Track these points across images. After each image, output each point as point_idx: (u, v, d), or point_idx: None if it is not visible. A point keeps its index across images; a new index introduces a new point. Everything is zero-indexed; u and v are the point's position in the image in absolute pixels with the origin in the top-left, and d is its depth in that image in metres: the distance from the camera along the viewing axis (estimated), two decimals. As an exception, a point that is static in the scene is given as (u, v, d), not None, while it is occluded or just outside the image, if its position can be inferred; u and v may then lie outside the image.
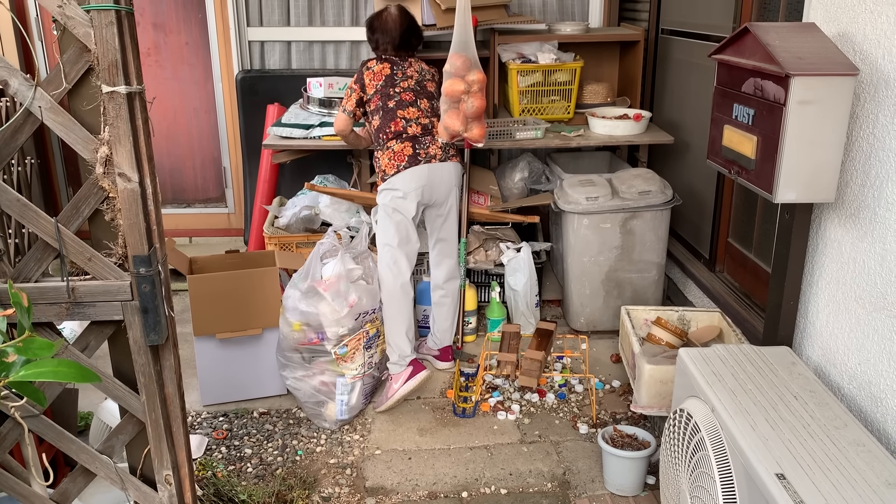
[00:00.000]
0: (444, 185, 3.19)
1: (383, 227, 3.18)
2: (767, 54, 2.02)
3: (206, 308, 2.98)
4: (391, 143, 3.16)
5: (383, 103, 3.19)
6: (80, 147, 1.46)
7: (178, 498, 1.71)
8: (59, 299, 1.52)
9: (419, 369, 3.14)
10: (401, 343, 3.13)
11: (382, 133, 3.18)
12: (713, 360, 2.16)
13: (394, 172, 3.13)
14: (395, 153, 3.14)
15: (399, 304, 3.13)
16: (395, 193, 3.13)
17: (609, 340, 3.67)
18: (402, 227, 3.15)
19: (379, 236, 3.20)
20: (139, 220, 1.47)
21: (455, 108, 3.08)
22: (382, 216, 3.18)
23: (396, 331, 3.13)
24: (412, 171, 3.12)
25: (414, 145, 3.14)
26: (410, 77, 3.23)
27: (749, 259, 3.24)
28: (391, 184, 3.13)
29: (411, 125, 3.16)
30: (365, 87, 3.24)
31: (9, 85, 1.42)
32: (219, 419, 3.08)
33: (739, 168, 2.23)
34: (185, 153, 4.90)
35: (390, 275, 3.14)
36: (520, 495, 2.63)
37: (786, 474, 1.65)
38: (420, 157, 3.13)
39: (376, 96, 3.21)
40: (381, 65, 3.23)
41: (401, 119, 3.17)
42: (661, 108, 4.19)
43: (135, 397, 1.62)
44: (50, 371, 0.98)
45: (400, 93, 3.20)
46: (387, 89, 3.20)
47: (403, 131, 3.16)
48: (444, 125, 3.10)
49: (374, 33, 3.30)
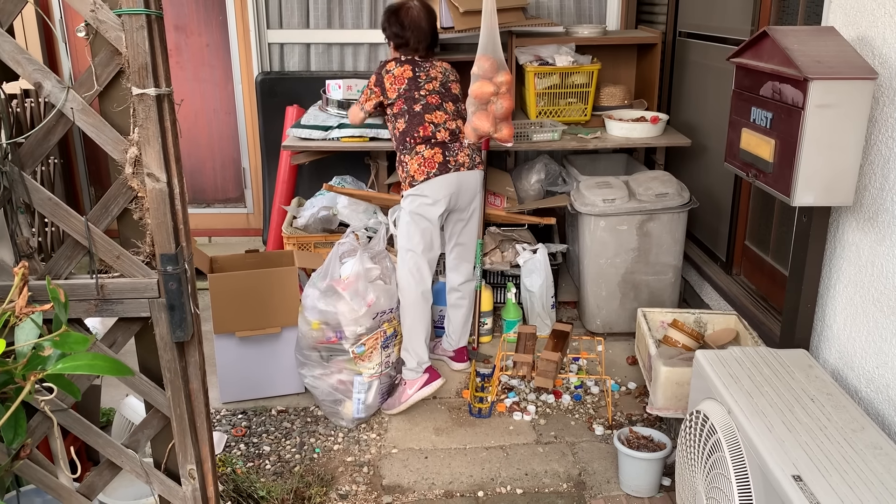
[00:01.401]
0: (470, 192, 3.20)
1: (407, 232, 3.15)
2: (786, 58, 2.03)
3: (227, 306, 3.02)
4: (420, 149, 3.12)
5: (409, 107, 3.15)
6: (111, 148, 1.50)
7: (201, 492, 1.75)
8: (88, 296, 1.56)
9: (435, 377, 3.16)
10: (419, 349, 3.14)
11: (410, 137, 3.14)
12: (730, 362, 2.17)
13: (423, 179, 3.10)
14: (425, 159, 3.10)
15: (420, 310, 3.14)
16: (423, 200, 3.11)
17: (625, 342, 3.68)
18: (427, 233, 3.13)
19: (402, 241, 3.19)
20: (167, 219, 1.51)
21: (483, 110, 3.09)
22: (407, 221, 3.15)
23: (416, 338, 3.13)
24: (443, 178, 3.10)
25: (444, 152, 3.11)
26: (434, 79, 3.20)
27: (766, 262, 3.24)
28: (420, 190, 3.11)
29: (440, 130, 3.13)
30: (386, 91, 3.20)
31: (42, 87, 1.46)
32: (238, 416, 3.12)
33: (757, 171, 2.23)
34: (205, 154, 4.95)
35: (412, 281, 3.13)
36: (535, 495, 2.65)
37: (802, 476, 1.66)
38: (450, 165, 3.11)
39: (400, 100, 3.17)
40: (402, 67, 3.19)
41: (429, 124, 3.13)
42: (678, 110, 4.19)
43: (160, 393, 1.65)
44: (86, 364, 1.01)
45: (426, 95, 3.16)
46: (411, 93, 3.16)
47: (433, 136, 3.12)
48: (473, 126, 3.10)
49: (404, 30, 3.20)
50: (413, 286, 3.13)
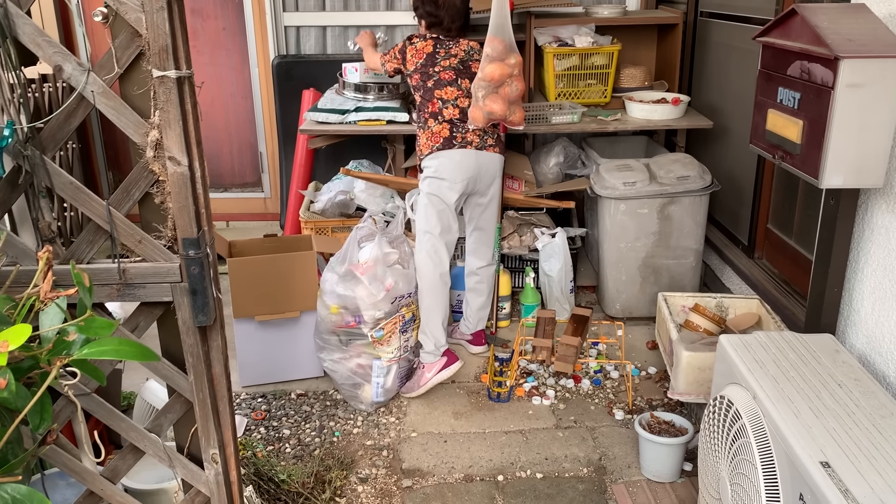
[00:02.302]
0: (489, 176, 3.19)
1: (425, 214, 3.16)
2: (815, 36, 1.98)
3: (246, 291, 3.02)
4: (430, 123, 3.17)
5: (423, 82, 3.20)
6: (132, 131, 1.49)
7: (223, 476, 1.75)
8: (110, 280, 1.55)
9: (453, 360, 3.16)
10: (437, 333, 3.14)
11: (422, 112, 3.20)
12: (754, 347, 2.14)
13: (428, 152, 3.14)
14: (432, 133, 3.15)
15: (438, 293, 3.13)
16: (440, 182, 3.11)
17: (645, 327, 3.65)
18: (444, 215, 3.13)
19: (419, 223, 3.19)
20: (188, 202, 1.50)
21: (496, 93, 3.05)
22: (425, 204, 3.16)
23: (434, 320, 3.13)
24: (458, 158, 3.10)
25: (451, 128, 3.13)
26: (454, 56, 3.21)
27: (789, 245, 3.19)
28: (437, 172, 3.12)
29: (448, 106, 3.15)
30: (406, 62, 3.25)
31: (63, 70, 1.44)
32: (257, 400, 3.13)
33: (784, 153, 2.19)
34: (222, 138, 4.95)
35: (430, 264, 3.13)
36: (556, 480, 2.64)
37: (830, 462, 1.64)
38: (455, 141, 3.12)
39: (416, 74, 3.22)
40: (425, 42, 3.22)
41: (437, 100, 3.16)
42: (699, 91, 4.13)
43: (183, 377, 1.65)
44: (112, 349, 1.01)
45: (439, 72, 3.18)
46: (426, 68, 3.19)
47: (440, 112, 3.16)
48: (487, 110, 3.05)
49: (438, 9, 3.22)
50: (431, 268, 3.12)
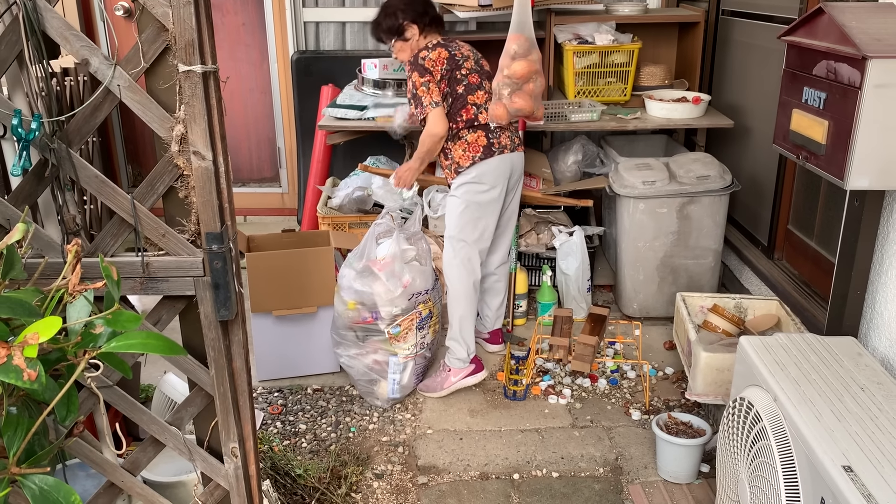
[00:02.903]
0: (518, 175, 3.15)
1: (460, 222, 3.04)
2: (843, 35, 1.95)
3: (264, 285, 3.04)
4: (464, 133, 3.01)
5: (451, 89, 3.00)
6: (157, 125, 1.49)
7: (243, 470, 1.76)
8: (133, 274, 1.56)
9: (480, 368, 3.15)
10: (469, 340, 3.11)
11: (453, 122, 3.01)
12: (775, 348, 2.12)
13: (469, 164, 3.00)
14: (469, 144, 3.00)
15: (471, 302, 3.10)
16: (479, 188, 3.01)
17: (662, 327, 3.64)
18: (480, 223, 3.05)
19: (452, 230, 3.08)
20: (212, 197, 1.50)
21: (520, 90, 3.02)
22: (459, 211, 3.04)
23: (467, 328, 3.10)
24: (497, 164, 3.00)
25: (487, 135, 3.02)
26: (468, 57, 3.07)
27: (810, 247, 3.17)
28: (479, 178, 3.00)
29: (481, 111, 3.02)
30: (433, 73, 2.96)
31: (89, 63, 1.45)
32: (274, 394, 3.14)
33: (808, 153, 2.17)
34: (240, 133, 4.97)
35: (465, 272, 3.06)
36: (571, 479, 2.63)
37: (853, 467, 1.62)
38: (494, 149, 3.01)
39: (443, 82, 2.99)
40: (437, 50, 3.00)
41: (471, 105, 3.01)
42: (720, 91, 4.10)
43: (204, 371, 1.66)
44: (139, 343, 1.01)
45: (467, 75, 3.02)
46: (453, 73, 2.99)
47: (475, 119, 3.01)
48: (515, 107, 2.99)
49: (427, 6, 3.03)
50: (465, 277, 3.07)
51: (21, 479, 0.98)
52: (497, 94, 3.02)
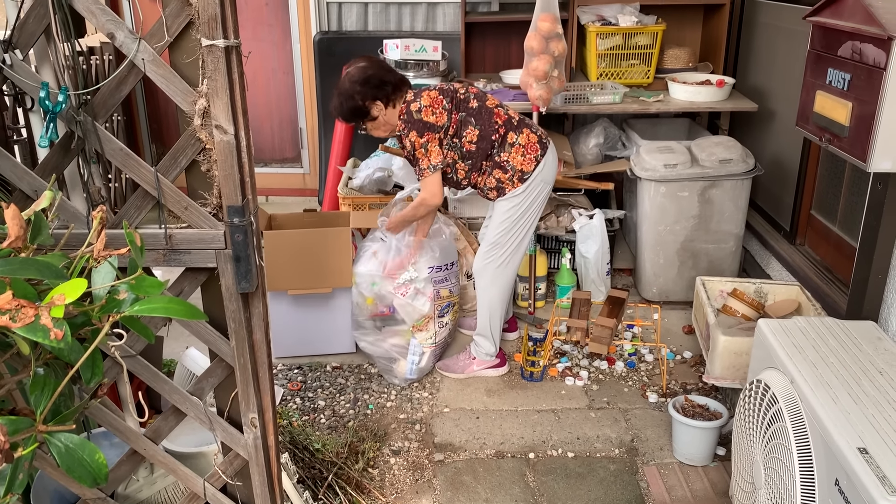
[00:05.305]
0: None
1: (512, 233, 2.89)
2: (868, 15, 1.93)
3: (280, 264, 3.05)
4: (511, 138, 2.79)
5: (465, 112, 2.78)
6: (180, 99, 1.51)
7: (262, 440, 1.79)
8: (156, 245, 1.59)
9: (503, 363, 3.16)
10: (498, 337, 3.11)
11: (494, 135, 2.78)
12: (794, 331, 2.12)
13: (534, 167, 2.80)
14: (523, 146, 2.79)
15: (506, 301, 3.08)
16: (542, 188, 2.86)
17: (681, 311, 3.63)
18: (532, 229, 2.98)
19: (500, 237, 2.91)
20: (234, 171, 1.52)
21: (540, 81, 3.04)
22: (517, 217, 2.86)
23: (497, 327, 3.09)
24: (553, 157, 2.89)
25: (532, 130, 2.85)
26: (457, 90, 2.85)
27: (832, 232, 3.14)
28: (543, 178, 2.83)
29: (508, 111, 2.88)
30: (435, 124, 2.74)
31: (115, 37, 1.47)
32: (293, 371, 3.19)
33: (831, 135, 2.15)
34: (262, 113, 5.00)
35: (508, 277, 3.01)
36: (587, 459, 2.65)
37: (868, 449, 1.62)
38: (545, 140, 2.88)
39: (454, 115, 2.76)
40: (424, 95, 2.77)
41: (499, 107, 2.84)
42: (745, 74, 4.05)
43: (225, 342, 1.69)
44: (162, 307, 1.04)
45: (471, 97, 2.82)
46: (457, 102, 2.78)
47: (511, 118, 2.84)
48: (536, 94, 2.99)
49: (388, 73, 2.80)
50: (508, 281, 3.02)
51: (47, 437, 1.02)
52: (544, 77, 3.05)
